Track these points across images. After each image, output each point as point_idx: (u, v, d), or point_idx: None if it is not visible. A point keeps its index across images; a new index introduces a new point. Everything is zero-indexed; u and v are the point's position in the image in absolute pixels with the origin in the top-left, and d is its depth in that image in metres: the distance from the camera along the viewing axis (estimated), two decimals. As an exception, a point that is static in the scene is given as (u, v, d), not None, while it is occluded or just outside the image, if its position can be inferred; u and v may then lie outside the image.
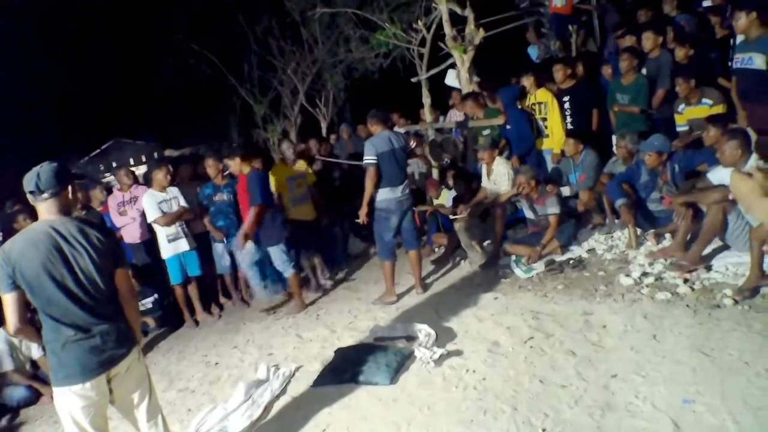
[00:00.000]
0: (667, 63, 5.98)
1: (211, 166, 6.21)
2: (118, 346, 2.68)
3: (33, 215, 6.55)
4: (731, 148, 4.04)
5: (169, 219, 5.86)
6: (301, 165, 6.48)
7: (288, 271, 5.69)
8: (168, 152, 19.72)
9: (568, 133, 6.28)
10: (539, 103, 6.53)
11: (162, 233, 5.90)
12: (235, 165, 5.59)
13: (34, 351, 5.22)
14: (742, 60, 4.87)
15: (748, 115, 4.92)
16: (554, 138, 6.48)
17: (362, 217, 5.30)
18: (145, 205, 5.90)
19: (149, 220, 5.88)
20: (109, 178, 11.83)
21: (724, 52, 5.95)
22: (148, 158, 25.57)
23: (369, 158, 5.17)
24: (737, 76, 5.04)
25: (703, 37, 6.51)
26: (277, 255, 5.63)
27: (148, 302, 6.23)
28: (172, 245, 5.93)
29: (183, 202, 6.01)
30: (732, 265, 4.31)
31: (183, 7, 12.17)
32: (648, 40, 6.11)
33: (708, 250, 4.52)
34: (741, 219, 4.18)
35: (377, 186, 5.21)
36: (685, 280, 4.27)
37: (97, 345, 2.61)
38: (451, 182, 7.00)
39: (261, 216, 5.48)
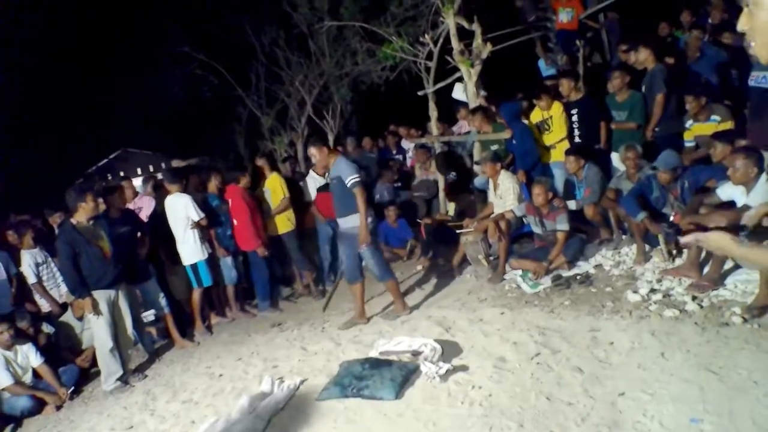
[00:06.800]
0: (659, 72, 6.04)
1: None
2: None
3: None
4: (745, 166, 4.02)
5: (205, 220, 6.13)
6: (269, 181, 6.76)
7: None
8: (175, 162, 19.81)
9: (567, 151, 6.23)
10: (551, 117, 6.53)
11: (193, 236, 6.06)
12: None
13: (33, 359, 5.21)
14: (757, 78, 4.83)
15: (759, 133, 4.86)
16: (561, 149, 6.46)
17: (365, 241, 5.10)
18: (187, 208, 6.01)
19: (195, 219, 6.01)
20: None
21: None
22: (155, 168, 25.75)
23: (356, 177, 4.99)
24: (752, 94, 5.00)
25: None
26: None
27: (150, 314, 6.20)
28: (204, 246, 6.14)
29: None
30: (741, 283, 4.28)
31: (190, 17, 12.27)
32: (641, 53, 6.17)
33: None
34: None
35: (357, 210, 5.03)
36: (694, 297, 4.24)
37: None
38: (455, 195, 7.01)
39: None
